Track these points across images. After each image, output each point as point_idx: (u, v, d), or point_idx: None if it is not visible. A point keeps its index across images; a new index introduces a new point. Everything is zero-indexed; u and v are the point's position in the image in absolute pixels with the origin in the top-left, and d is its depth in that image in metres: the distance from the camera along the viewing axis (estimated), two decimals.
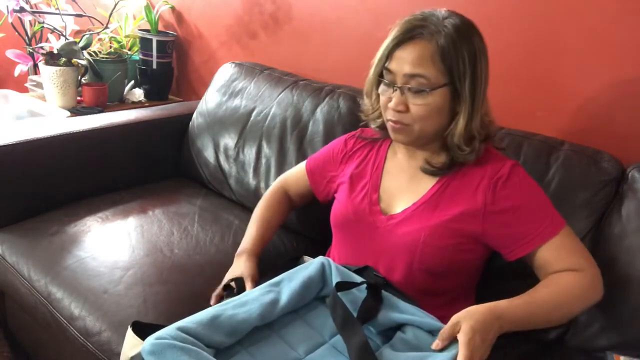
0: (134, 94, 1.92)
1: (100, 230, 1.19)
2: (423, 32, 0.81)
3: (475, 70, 0.83)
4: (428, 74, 0.81)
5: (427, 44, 0.81)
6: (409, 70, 0.82)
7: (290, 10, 1.62)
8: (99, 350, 0.95)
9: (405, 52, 0.82)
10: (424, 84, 0.82)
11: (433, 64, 0.81)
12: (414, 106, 0.84)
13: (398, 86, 0.84)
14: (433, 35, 0.81)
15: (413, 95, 0.83)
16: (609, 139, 1.11)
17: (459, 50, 0.81)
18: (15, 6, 1.68)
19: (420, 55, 0.81)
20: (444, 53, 0.81)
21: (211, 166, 1.52)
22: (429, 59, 0.81)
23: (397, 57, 0.83)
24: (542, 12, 1.16)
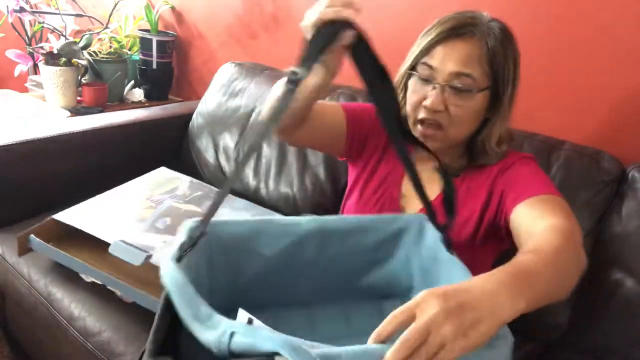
0: (134, 94, 1.92)
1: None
2: (474, 31, 0.78)
3: (516, 75, 0.82)
4: (475, 75, 0.78)
5: (477, 43, 0.78)
6: (455, 68, 0.78)
7: (290, 10, 1.62)
8: (99, 350, 0.95)
9: (454, 48, 0.78)
10: (470, 84, 0.78)
11: (480, 65, 0.78)
12: (455, 107, 0.79)
13: (440, 84, 0.79)
14: (483, 35, 0.78)
15: (456, 95, 0.79)
16: (609, 139, 1.11)
17: (506, 54, 0.79)
18: (15, 6, 1.68)
19: (469, 54, 0.78)
20: (492, 55, 0.78)
21: (211, 166, 1.52)
22: (478, 59, 0.78)
23: (442, 53, 0.79)
24: (542, 12, 1.16)
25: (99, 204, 1.11)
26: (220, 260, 0.70)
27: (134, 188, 1.21)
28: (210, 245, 0.68)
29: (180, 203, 1.20)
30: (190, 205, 1.20)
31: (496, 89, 0.80)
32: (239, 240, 0.71)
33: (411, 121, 0.84)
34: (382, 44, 0.85)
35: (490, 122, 0.83)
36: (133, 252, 0.95)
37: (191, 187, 1.29)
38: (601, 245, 1.00)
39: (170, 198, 1.21)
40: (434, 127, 0.81)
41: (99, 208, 1.10)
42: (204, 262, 0.68)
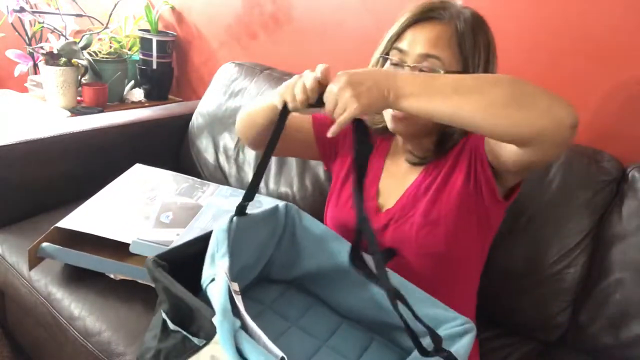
0: (134, 94, 1.92)
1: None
2: (443, 14, 0.78)
3: (488, 62, 0.80)
4: (443, 57, 0.77)
5: (445, 26, 0.78)
6: (423, 50, 0.78)
7: (290, 10, 1.62)
8: (99, 351, 0.95)
9: (423, 31, 0.79)
10: (438, 66, 0.77)
11: (449, 47, 0.78)
12: None
13: (409, 65, 0.79)
14: (452, 18, 0.78)
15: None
16: (609, 139, 1.11)
17: (476, 38, 0.79)
18: (15, 6, 1.68)
19: (437, 36, 0.78)
20: (462, 38, 0.78)
21: (211, 166, 1.52)
22: (447, 41, 0.78)
23: (412, 36, 0.79)
24: (542, 11, 1.16)
25: (95, 206, 1.11)
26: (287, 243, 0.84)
27: (122, 187, 1.21)
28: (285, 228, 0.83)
29: (173, 197, 1.21)
30: (183, 198, 1.21)
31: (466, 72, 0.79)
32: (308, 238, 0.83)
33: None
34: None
35: None
36: (155, 247, 0.97)
37: (175, 180, 1.30)
38: (601, 245, 1.00)
39: (161, 193, 1.21)
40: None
41: (98, 210, 1.10)
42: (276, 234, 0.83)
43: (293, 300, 0.85)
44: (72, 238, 1.02)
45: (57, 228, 1.02)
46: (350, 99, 0.64)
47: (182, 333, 0.66)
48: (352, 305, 0.84)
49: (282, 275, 0.87)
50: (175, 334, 0.68)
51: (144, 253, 0.97)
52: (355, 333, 0.82)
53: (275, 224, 0.83)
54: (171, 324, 0.67)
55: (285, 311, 0.82)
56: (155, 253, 0.95)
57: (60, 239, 1.02)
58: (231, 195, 1.29)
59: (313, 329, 0.80)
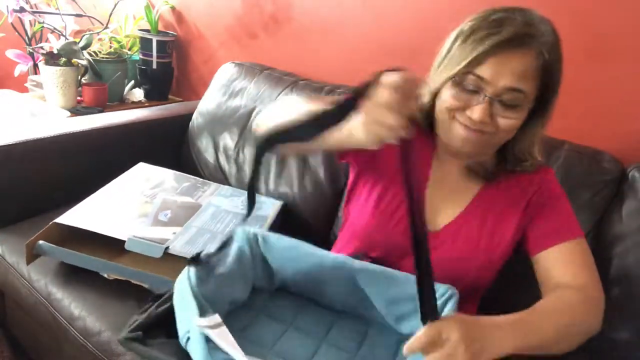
0: (134, 94, 1.92)
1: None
2: (532, 43, 0.72)
3: (559, 84, 0.77)
4: (528, 90, 0.73)
5: (533, 58, 0.72)
6: (509, 84, 0.71)
7: (290, 10, 1.62)
8: (99, 351, 0.95)
9: (508, 61, 0.71)
10: (521, 99, 0.73)
11: (535, 79, 0.73)
12: (503, 119, 0.74)
13: (490, 97, 0.73)
14: (542, 45, 0.72)
15: (505, 108, 0.74)
16: (609, 139, 1.11)
17: (559, 65, 0.75)
18: (15, 6, 1.68)
19: (525, 69, 0.72)
20: (548, 69, 0.74)
21: (211, 166, 1.52)
22: (533, 74, 0.73)
23: (496, 64, 0.71)
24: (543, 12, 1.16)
25: (95, 204, 1.11)
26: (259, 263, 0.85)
27: (123, 185, 1.22)
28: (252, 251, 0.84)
29: (173, 195, 1.22)
30: (183, 197, 1.22)
31: (544, 97, 0.77)
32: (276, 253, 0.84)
33: (446, 119, 0.78)
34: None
35: (531, 128, 0.80)
36: (151, 245, 0.97)
37: (177, 180, 1.31)
38: (601, 245, 1.00)
39: (162, 192, 1.22)
40: (477, 133, 0.76)
41: (97, 208, 1.10)
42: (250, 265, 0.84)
43: (283, 303, 0.86)
44: (71, 234, 1.02)
45: (56, 224, 1.02)
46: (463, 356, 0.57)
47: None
48: (338, 300, 0.85)
49: (265, 286, 0.88)
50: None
51: (140, 251, 0.98)
52: (350, 326, 0.83)
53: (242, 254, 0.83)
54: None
55: (279, 314, 0.83)
56: (150, 250, 0.97)
57: (59, 234, 1.02)
58: (232, 195, 1.29)
59: (309, 328, 0.81)
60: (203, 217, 1.14)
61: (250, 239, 0.84)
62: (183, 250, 0.99)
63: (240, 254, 0.82)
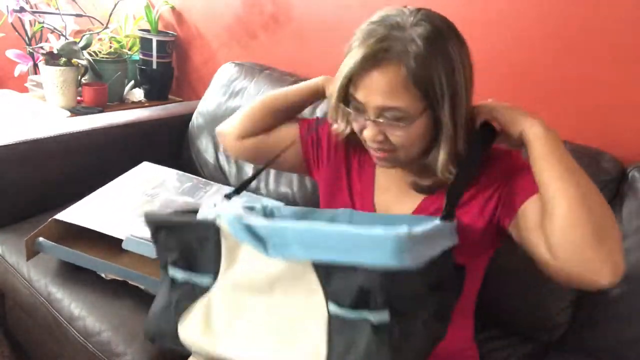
0: (134, 94, 1.92)
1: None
2: (389, 57, 0.67)
3: (455, 86, 0.69)
4: (403, 104, 0.69)
5: (395, 69, 0.67)
6: (380, 103, 0.69)
7: (290, 10, 1.62)
8: (99, 351, 0.95)
9: (372, 80, 0.68)
10: (401, 115, 0.70)
11: (407, 91, 0.68)
12: (394, 136, 0.73)
13: (371, 119, 0.71)
14: (401, 56, 0.67)
15: (391, 125, 0.71)
16: (609, 139, 1.11)
17: (433, 69, 0.67)
18: (15, 6, 1.68)
19: (390, 85, 0.68)
20: (416, 77, 0.67)
21: (211, 166, 1.52)
22: (402, 87, 0.68)
23: (364, 85, 0.70)
24: (544, 12, 1.16)
25: (96, 201, 1.12)
26: None
27: (125, 184, 1.22)
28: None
29: (175, 195, 1.22)
30: (185, 197, 1.23)
31: (432, 108, 0.71)
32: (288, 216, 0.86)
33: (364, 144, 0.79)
34: None
35: (436, 144, 0.75)
36: (147, 245, 0.96)
37: (179, 179, 1.31)
38: None
39: (164, 191, 1.22)
40: (382, 152, 0.76)
41: (97, 205, 1.10)
42: None
43: None
44: (70, 231, 1.03)
45: (55, 220, 1.02)
46: None
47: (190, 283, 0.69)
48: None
49: None
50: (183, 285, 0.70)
51: (136, 250, 0.97)
52: None
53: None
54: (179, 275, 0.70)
55: None
56: (146, 250, 0.97)
57: (58, 231, 1.03)
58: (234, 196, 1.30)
59: None
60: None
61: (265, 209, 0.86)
62: None
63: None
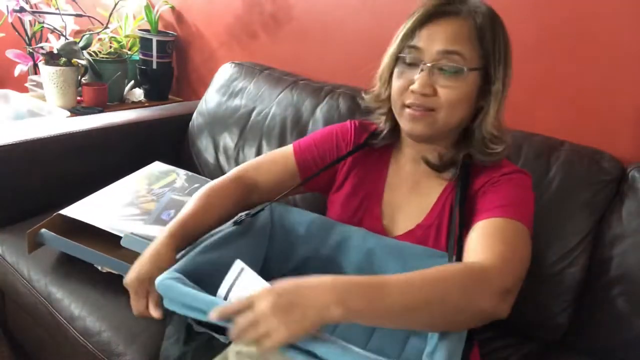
0: (134, 94, 1.92)
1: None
2: (461, 8, 0.74)
3: (507, 57, 0.75)
4: (465, 52, 0.72)
5: (464, 21, 0.73)
6: (443, 46, 0.72)
7: (290, 10, 1.62)
8: (99, 351, 0.95)
9: (440, 27, 0.73)
10: (460, 62, 0.72)
11: (470, 42, 0.73)
12: (444, 89, 0.73)
13: (427, 64, 0.73)
14: (470, 13, 0.74)
15: (446, 76, 0.73)
16: (609, 139, 1.11)
17: (496, 33, 0.74)
18: (15, 6, 1.68)
19: (457, 32, 0.73)
20: (482, 32, 0.73)
21: (211, 166, 1.52)
22: (467, 37, 0.73)
23: (428, 32, 0.74)
24: (542, 11, 1.16)
25: (102, 198, 1.13)
26: (280, 236, 0.87)
27: (133, 182, 1.23)
28: (273, 222, 0.87)
29: (181, 196, 1.22)
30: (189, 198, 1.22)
31: (487, 70, 0.75)
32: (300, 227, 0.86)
33: (397, 106, 0.78)
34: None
35: (483, 109, 0.77)
36: (145, 243, 0.97)
37: (188, 180, 1.31)
38: (601, 245, 1.00)
39: (170, 191, 1.23)
40: (422, 110, 0.75)
41: (103, 203, 1.11)
42: (266, 232, 0.87)
43: None
44: (73, 227, 1.03)
45: (60, 215, 1.04)
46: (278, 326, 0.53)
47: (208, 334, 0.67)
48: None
49: (280, 269, 0.88)
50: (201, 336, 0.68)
51: (134, 248, 0.98)
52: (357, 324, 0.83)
53: (263, 223, 0.87)
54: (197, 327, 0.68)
55: None
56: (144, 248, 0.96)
57: (61, 227, 1.03)
58: None
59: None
60: None
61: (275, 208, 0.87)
62: None
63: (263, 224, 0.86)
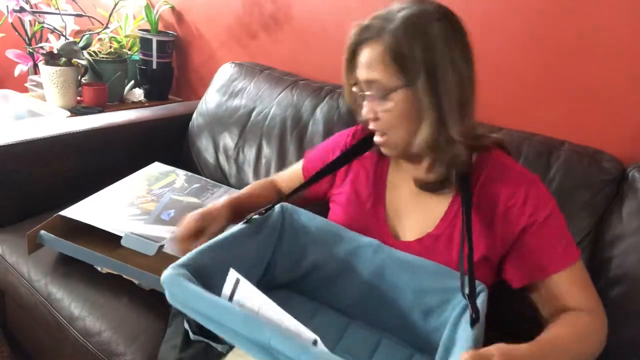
0: (134, 94, 1.92)
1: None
2: (375, 32, 0.75)
3: (433, 65, 0.72)
4: (381, 78, 0.74)
5: (376, 45, 0.74)
6: (365, 76, 0.77)
7: (290, 10, 1.62)
8: (99, 351, 0.95)
9: (360, 57, 0.77)
10: (380, 88, 0.75)
11: (385, 65, 0.74)
12: (382, 113, 0.77)
13: (363, 94, 0.79)
14: (380, 33, 0.74)
15: (378, 101, 0.77)
16: (609, 139, 1.11)
17: (409, 45, 0.72)
18: (15, 6, 1.68)
19: (371, 59, 0.75)
20: (392, 51, 0.73)
21: (211, 166, 1.52)
22: (380, 60, 0.74)
23: (359, 62, 0.78)
24: (542, 10, 1.16)
25: (102, 199, 1.13)
26: (289, 238, 0.86)
27: (133, 183, 1.23)
28: (284, 222, 0.85)
29: (181, 196, 1.23)
30: (190, 198, 1.23)
31: (410, 83, 0.74)
32: (310, 231, 0.84)
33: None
34: None
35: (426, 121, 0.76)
36: (145, 243, 0.98)
37: (188, 180, 1.32)
38: (601, 245, 1.00)
39: (170, 191, 1.23)
40: (380, 134, 0.81)
41: (103, 203, 1.11)
42: (275, 232, 0.85)
43: (299, 306, 0.85)
44: (73, 228, 1.04)
45: (60, 216, 1.04)
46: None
47: (205, 342, 0.66)
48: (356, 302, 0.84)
49: (287, 275, 0.87)
50: (197, 344, 0.68)
51: (134, 247, 0.99)
52: (363, 333, 0.82)
53: (273, 224, 0.85)
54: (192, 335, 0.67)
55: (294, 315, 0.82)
56: (144, 248, 0.98)
57: (61, 228, 1.04)
58: None
59: (324, 331, 0.80)
60: None
61: (287, 209, 0.86)
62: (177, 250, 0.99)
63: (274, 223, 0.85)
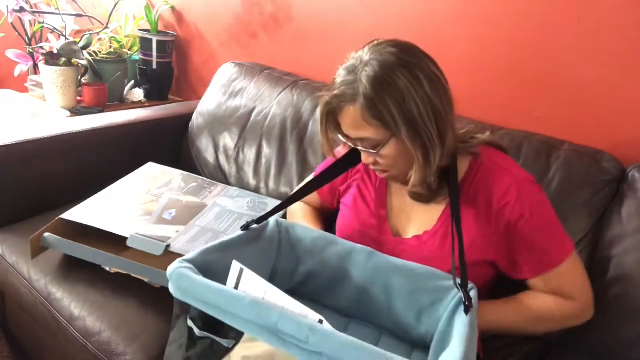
0: (134, 94, 1.92)
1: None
2: (344, 100, 0.79)
3: (409, 113, 0.75)
4: (370, 135, 0.79)
5: (353, 107, 0.78)
6: (354, 135, 0.81)
7: (290, 10, 1.62)
8: (99, 351, 0.95)
9: (342, 119, 0.81)
10: (372, 143, 0.80)
11: (368, 124, 0.78)
12: (379, 158, 0.83)
13: (360, 149, 0.84)
14: (354, 99, 0.77)
15: (373, 152, 0.82)
16: (609, 139, 1.11)
17: (382, 104, 0.75)
18: (15, 6, 1.68)
19: (354, 120, 0.79)
20: (369, 113, 0.76)
21: (211, 166, 1.52)
22: (362, 120, 0.78)
23: (341, 121, 0.82)
24: (542, 10, 1.16)
25: (101, 201, 1.13)
26: (287, 249, 0.89)
27: (131, 184, 1.23)
28: (281, 236, 0.90)
29: (180, 195, 1.23)
30: (189, 197, 1.23)
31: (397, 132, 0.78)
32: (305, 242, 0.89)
33: None
34: None
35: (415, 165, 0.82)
36: (152, 243, 0.98)
37: (184, 180, 1.32)
38: (601, 245, 1.00)
39: (168, 191, 1.23)
40: (381, 172, 0.88)
41: (103, 205, 1.11)
42: (274, 245, 0.89)
43: None
44: (75, 230, 1.04)
45: (61, 219, 1.04)
46: None
47: (211, 338, 0.67)
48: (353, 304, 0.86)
49: (285, 282, 0.89)
50: (203, 340, 0.68)
51: (141, 248, 0.99)
52: (363, 331, 0.84)
53: (271, 235, 0.88)
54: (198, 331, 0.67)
55: None
56: (151, 248, 0.98)
57: (63, 230, 1.04)
58: (238, 197, 1.30)
59: None
60: (207, 217, 1.15)
61: (282, 224, 0.90)
62: (184, 249, 0.99)
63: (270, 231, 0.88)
